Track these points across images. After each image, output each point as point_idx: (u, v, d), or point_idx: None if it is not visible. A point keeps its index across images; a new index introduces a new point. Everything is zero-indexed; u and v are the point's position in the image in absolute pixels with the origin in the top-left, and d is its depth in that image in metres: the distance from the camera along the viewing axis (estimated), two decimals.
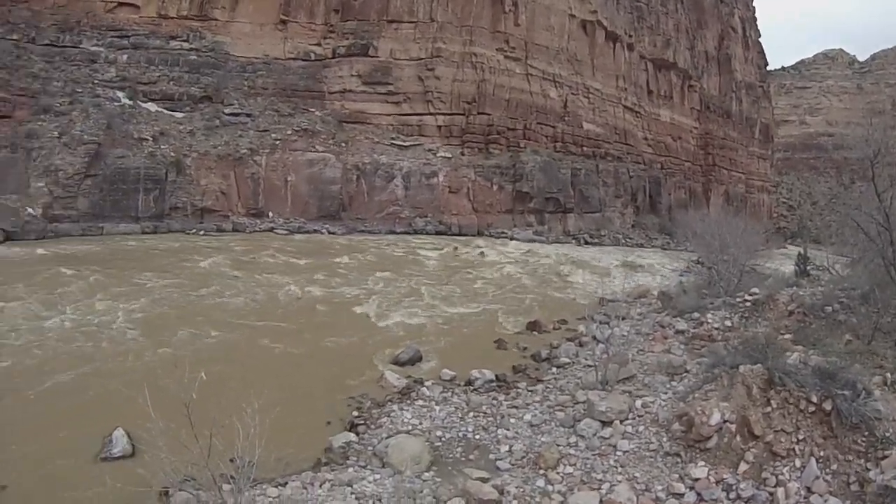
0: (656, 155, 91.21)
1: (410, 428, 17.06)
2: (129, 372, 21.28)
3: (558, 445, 15.04)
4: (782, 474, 11.75)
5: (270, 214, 55.32)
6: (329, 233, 53.83)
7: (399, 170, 58.53)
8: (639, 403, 15.94)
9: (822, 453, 11.79)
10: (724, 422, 12.91)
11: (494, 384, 19.66)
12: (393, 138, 60.77)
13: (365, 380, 21.12)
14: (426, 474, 14.80)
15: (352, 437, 16.96)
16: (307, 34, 63.31)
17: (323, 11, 63.92)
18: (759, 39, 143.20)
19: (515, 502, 13.17)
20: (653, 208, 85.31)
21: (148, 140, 53.58)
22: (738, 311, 22.48)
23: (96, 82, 56.93)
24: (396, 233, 55.76)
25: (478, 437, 16.31)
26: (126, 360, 22.83)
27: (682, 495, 12.43)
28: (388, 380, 20.47)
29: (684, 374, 17.67)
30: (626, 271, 40.17)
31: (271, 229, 53.29)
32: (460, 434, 16.55)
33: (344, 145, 58.73)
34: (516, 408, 17.54)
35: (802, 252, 27.54)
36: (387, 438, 16.42)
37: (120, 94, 56.83)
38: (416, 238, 53.50)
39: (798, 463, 11.80)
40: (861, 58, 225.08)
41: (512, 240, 57.49)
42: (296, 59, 62.38)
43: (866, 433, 11.69)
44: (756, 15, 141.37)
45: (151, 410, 11.42)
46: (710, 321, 22.46)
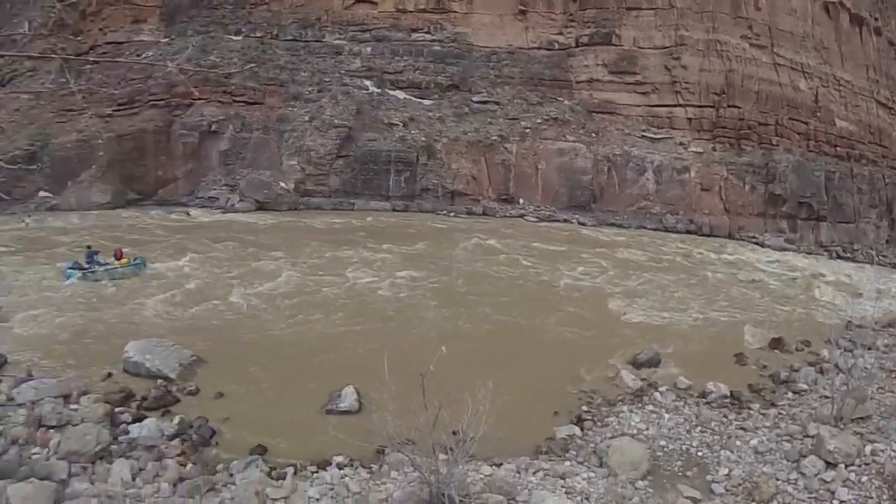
0: None
1: (636, 432, 16.88)
2: (374, 335, 23.43)
3: (777, 479, 14.45)
4: None
5: (521, 201, 53.64)
6: (579, 223, 51.67)
7: (650, 163, 55.02)
8: (868, 449, 14.99)
9: None
10: None
11: (728, 401, 19.02)
12: (643, 130, 57.44)
13: (600, 375, 21.09)
14: (640, 482, 14.55)
15: (576, 430, 17.16)
16: (548, 23, 61.18)
17: (561, 1, 61.66)
18: None
19: None
20: None
21: (398, 125, 53.77)
22: None
23: (343, 72, 57.42)
24: (647, 228, 52.51)
25: (700, 453, 15.92)
26: (374, 324, 25.44)
27: None
28: (624, 379, 20.47)
29: None
30: (878, 294, 36.24)
31: (521, 216, 52.13)
32: (683, 447, 16.21)
33: (594, 135, 56.09)
34: (744, 430, 16.98)
35: None
36: (610, 438, 16.32)
37: (368, 82, 57.06)
38: (668, 236, 50.57)
39: None
40: None
41: (762, 246, 52.57)
42: (539, 49, 60.32)
43: None
44: None
45: (387, 373, 12.46)
46: None
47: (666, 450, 16.11)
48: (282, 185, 50.84)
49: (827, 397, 18.31)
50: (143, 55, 54.03)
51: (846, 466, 14.29)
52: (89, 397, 18.10)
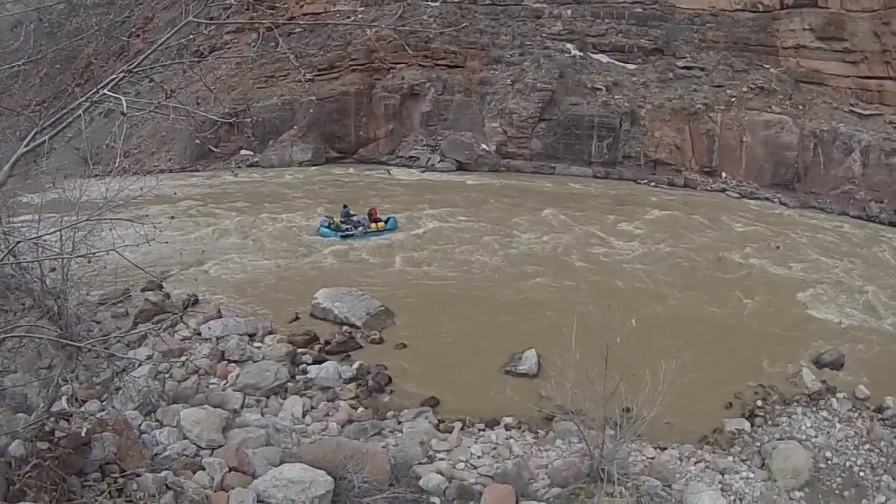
0: None
1: (804, 437, 16.10)
2: (566, 303, 23.29)
3: None
4: None
5: (724, 175, 50.57)
6: (781, 203, 48.09)
7: (857, 142, 49.90)
8: None
9: None
10: None
11: None
12: (852, 104, 52.48)
13: (779, 371, 20.20)
14: (796, 493, 14.12)
15: (746, 425, 16.60)
16: None
17: None
18: None
19: None
20: None
21: (601, 90, 52.29)
22: None
23: (544, 35, 56.44)
24: (849, 215, 47.43)
25: (862, 474, 14.98)
26: (566, 292, 25.58)
27: None
28: (804, 378, 19.44)
29: None
30: None
31: (723, 190, 49.27)
32: (847, 463, 15.26)
33: (801, 108, 51.76)
34: None
35: None
36: (777, 440, 15.77)
37: (569, 45, 55.84)
38: (870, 225, 45.25)
39: None
40: None
41: None
42: (743, 11, 56.17)
43: None
44: None
45: (573, 342, 12.31)
46: None
47: (830, 462, 15.31)
48: (483, 146, 51.18)
49: None
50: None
51: None
52: (274, 337, 18.89)
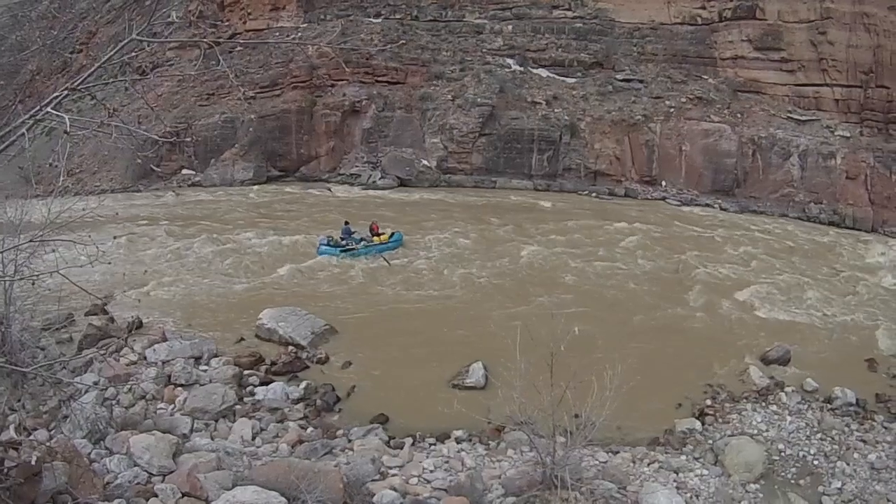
0: None
1: (756, 432, 16.54)
2: (510, 314, 23.67)
3: (888, 501, 14.01)
4: None
5: (664, 183, 51.68)
6: (721, 208, 49.38)
7: (795, 147, 51.65)
8: None
9: None
10: None
11: (852, 409, 18.28)
12: (789, 111, 54.04)
13: (727, 370, 20.53)
14: (752, 485, 14.35)
15: (697, 425, 16.94)
16: None
17: None
18: None
19: None
20: None
21: (541, 104, 52.94)
22: None
23: (485, 51, 56.96)
24: (789, 217, 49.23)
25: (816, 462, 15.49)
26: (510, 302, 25.89)
27: None
28: (752, 376, 19.89)
29: None
30: None
31: (663, 198, 50.25)
32: (800, 454, 15.76)
33: (739, 116, 53.25)
34: (864, 442, 16.38)
35: None
36: (729, 436, 16.08)
37: (510, 60, 56.46)
38: (809, 226, 47.45)
39: None
40: None
41: None
42: (682, 24, 57.56)
43: None
44: None
45: (518, 352, 12.22)
46: None
47: (783, 454, 15.77)
48: (424, 162, 51.57)
49: None
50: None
51: None
52: (220, 359, 18.68)
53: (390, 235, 32.08)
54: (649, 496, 12.73)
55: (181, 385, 16.57)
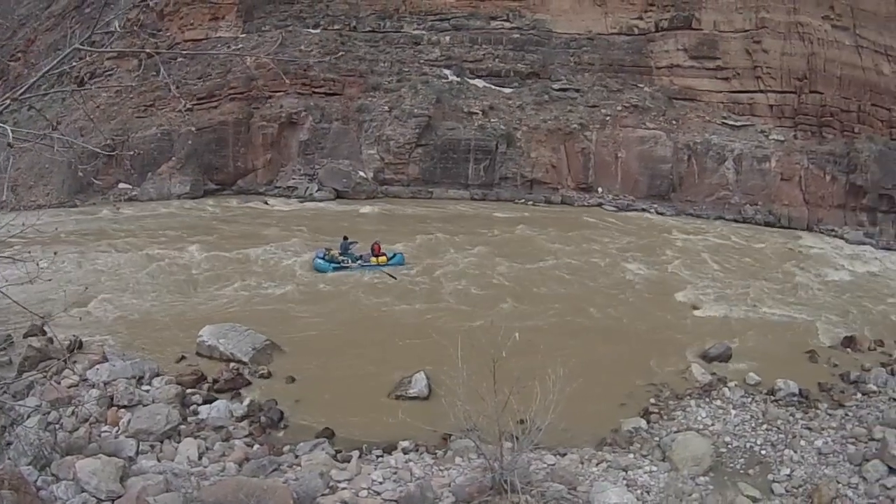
0: None
1: (701, 427, 16.89)
2: (451, 323, 23.59)
3: (838, 483, 14.35)
4: None
5: (600, 190, 52.56)
6: (657, 213, 50.38)
7: (731, 151, 53.13)
8: None
9: None
10: None
11: (796, 398, 18.78)
12: (724, 117, 55.47)
13: (670, 369, 20.91)
14: (701, 478, 14.58)
15: (642, 423, 17.24)
16: (627, 8, 59.23)
17: None
18: None
19: None
20: None
21: (478, 114, 53.34)
22: None
23: (422, 62, 57.19)
24: (725, 219, 50.69)
25: (763, 452, 15.86)
26: (449, 312, 26.01)
27: None
28: (694, 373, 20.27)
29: None
30: None
31: (600, 205, 51.03)
32: (747, 445, 16.14)
33: (674, 123, 54.46)
34: (810, 430, 16.91)
35: None
36: (675, 433, 16.34)
37: (447, 71, 56.77)
38: (746, 227, 48.87)
39: None
40: None
41: (841, 239, 49.86)
42: (619, 34, 58.73)
43: None
44: None
45: (460, 361, 12.20)
46: None
47: (730, 447, 16.07)
48: (360, 173, 51.31)
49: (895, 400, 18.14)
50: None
51: None
52: (161, 379, 18.48)
53: (391, 257, 31.96)
54: (600, 495, 12.90)
55: (124, 406, 16.31)
